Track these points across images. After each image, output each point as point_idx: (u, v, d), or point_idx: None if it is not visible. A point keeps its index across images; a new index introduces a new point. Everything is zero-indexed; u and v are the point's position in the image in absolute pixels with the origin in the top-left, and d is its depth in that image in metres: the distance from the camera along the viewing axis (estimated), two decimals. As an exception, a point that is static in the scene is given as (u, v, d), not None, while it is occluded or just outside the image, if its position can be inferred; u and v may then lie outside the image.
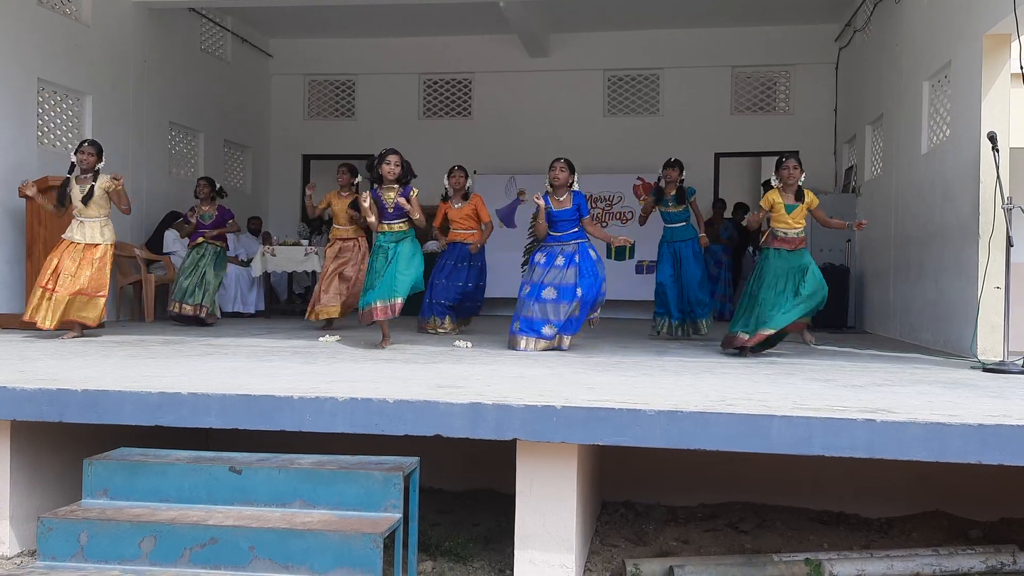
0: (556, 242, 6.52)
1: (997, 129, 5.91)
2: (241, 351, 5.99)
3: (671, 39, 12.50)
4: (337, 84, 13.59)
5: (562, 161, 6.58)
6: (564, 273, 6.40)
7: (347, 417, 3.71)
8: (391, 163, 6.40)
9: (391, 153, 6.45)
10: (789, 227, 6.36)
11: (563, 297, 6.34)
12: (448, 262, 8.02)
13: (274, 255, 10.15)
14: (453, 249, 8.05)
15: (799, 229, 6.39)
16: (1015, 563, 4.16)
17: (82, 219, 6.81)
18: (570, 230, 6.51)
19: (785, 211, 6.35)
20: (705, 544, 4.50)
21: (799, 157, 6.58)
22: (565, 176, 6.51)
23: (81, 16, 9.32)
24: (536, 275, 6.49)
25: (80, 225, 6.81)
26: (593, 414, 3.54)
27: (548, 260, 6.48)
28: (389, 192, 6.42)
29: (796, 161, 6.42)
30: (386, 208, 6.42)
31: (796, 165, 6.39)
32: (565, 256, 6.44)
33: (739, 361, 5.89)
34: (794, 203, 6.38)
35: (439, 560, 4.17)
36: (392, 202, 6.39)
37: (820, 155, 12.01)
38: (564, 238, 6.50)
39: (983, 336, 6.20)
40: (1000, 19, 6.14)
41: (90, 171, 6.83)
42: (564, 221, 6.49)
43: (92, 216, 6.80)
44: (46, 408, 3.88)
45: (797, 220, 6.37)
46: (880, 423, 3.35)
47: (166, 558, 3.20)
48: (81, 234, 6.80)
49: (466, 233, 8.04)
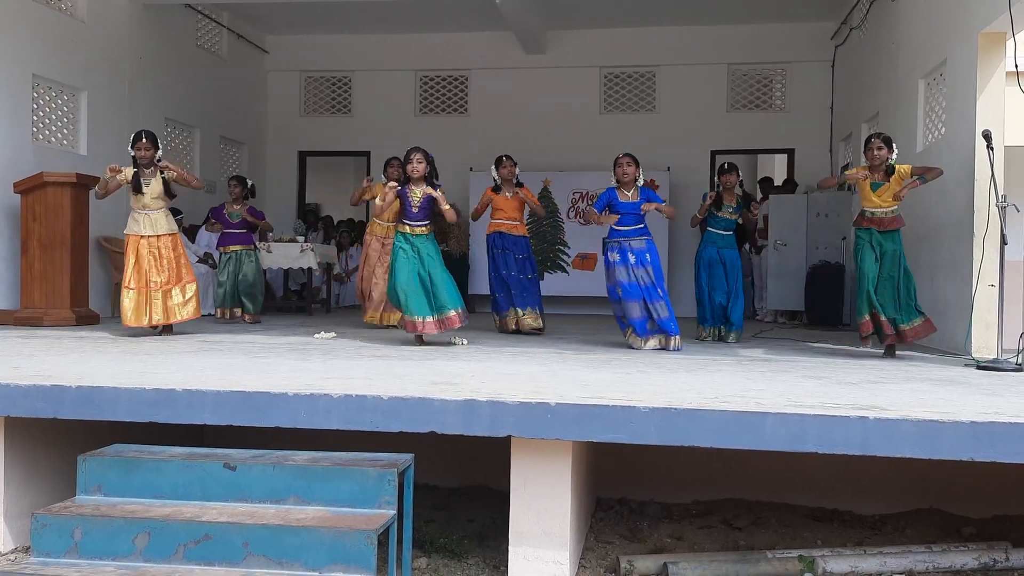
0: (622, 238, 6.50)
1: (992, 127, 5.93)
2: (236, 347, 5.99)
3: (667, 36, 12.51)
4: (333, 80, 13.58)
5: (629, 156, 6.58)
6: (639, 271, 6.41)
7: (342, 413, 3.71)
8: (413, 161, 6.31)
9: (415, 151, 6.35)
10: (875, 206, 6.19)
11: (652, 295, 6.38)
12: (503, 256, 7.87)
13: (270, 251, 10.13)
14: (499, 239, 7.90)
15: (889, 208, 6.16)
16: (1008, 560, 4.17)
17: (147, 212, 6.79)
18: (636, 224, 6.50)
19: (871, 189, 6.18)
20: (699, 541, 4.51)
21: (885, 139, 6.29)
22: (633, 171, 6.51)
23: (76, 12, 9.30)
24: (620, 274, 6.45)
25: (146, 218, 6.78)
26: (587, 411, 3.55)
27: (622, 258, 6.47)
28: (416, 191, 6.34)
29: (881, 141, 6.20)
30: (411, 208, 6.35)
31: (881, 146, 6.18)
32: (636, 254, 6.44)
33: (733, 358, 5.90)
34: (880, 181, 6.17)
35: (433, 557, 4.17)
36: (419, 201, 6.32)
37: (816, 153, 12.04)
38: (630, 233, 6.49)
39: (977, 334, 6.22)
40: (995, 17, 6.15)
41: (150, 164, 6.79)
42: (631, 215, 6.49)
43: (156, 208, 6.81)
44: (40, 404, 3.88)
45: (885, 199, 6.15)
46: (873, 420, 3.36)
47: (160, 554, 3.20)
48: (149, 226, 6.78)
49: (511, 224, 7.88)
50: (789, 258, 10.49)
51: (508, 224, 7.90)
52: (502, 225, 7.91)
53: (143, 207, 6.78)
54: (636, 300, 6.38)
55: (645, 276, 6.42)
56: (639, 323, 6.41)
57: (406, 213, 6.37)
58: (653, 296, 6.38)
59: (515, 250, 7.89)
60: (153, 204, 6.79)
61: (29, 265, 7.92)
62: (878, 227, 6.18)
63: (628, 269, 6.43)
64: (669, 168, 12.01)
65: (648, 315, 6.40)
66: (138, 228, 6.78)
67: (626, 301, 6.42)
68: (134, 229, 6.80)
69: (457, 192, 12.57)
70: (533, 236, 12.14)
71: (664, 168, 12.00)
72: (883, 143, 6.20)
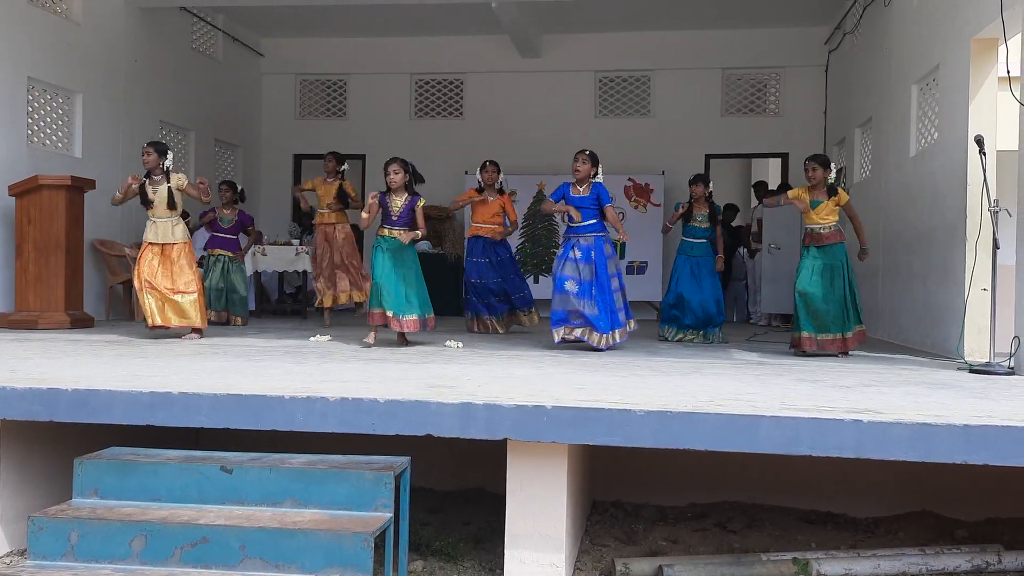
0: (573, 234, 6.62)
1: (984, 132, 5.96)
2: (232, 351, 5.99)
3: (662, 41, 12.53)
4: (328, 84, 13.58)
5: (586, 153, 6.71)
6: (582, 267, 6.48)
7: (338, 416, 3.72)
8: (390, 172, 6.52)
9: (392, 163, 6.55)
10: (815, 223, 6.56)
11: (584, 292, 6.43)
12: (480, 259, 8.11)
13: (265, 254, 10.13)
14: (477, 243, 8.16)
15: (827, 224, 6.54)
16: (1000, 562, 4.20)
17: (155, 219, 6.87)
18: (587, 220, 6.58)
19: (811, 207, 6.55)
20: (694, 543, 4.53)
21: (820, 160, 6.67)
22: (587, 169, 6.63)
23: (72, 14, 9.29)
24: (557, 267, 6.59)
25: (153, 226, 6.88)
26: (583, 414, 3.56)
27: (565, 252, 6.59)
28: (397, 199, 6.54)
29: (816, 163, 6.58)
30: (391, 215, 6.54)
31: (816, 167, 6.56)
32: (582, 249, 6.53)
33: (728, 362, 5.92)
34: (819, 200, 6.55)
35: (429, 559, 4.18)
36: (399, 209, 6.52)
37: (810, 157, 12.06)
38: (579, 229, 6.58)
39: (970, 338, 6.25)
40: (987, 23, 6.19)
41: (157, 171, 6.85)
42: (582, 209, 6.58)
43: (163, 216, 6.85)
44: (36, 407, 3.88)
45: (822, 216, 6.52)
46: (867, 423, 3.38)
47: (157, 557, 3.21)
48: (154, 234, 6.86)
49: (488, 228, 8.15)
50: (783, 262, 10.52)
51: (486, 228, 8.13)
52: (480, 229, 8.17)
53: (153, 215, 6.88)
54: (561, 294, 6.47)
55: (587, 272, 6.47)
56: (557, 314, 6.48)
57: (387, 219, 6.56)
58: (585, 293, 6.43)
59: (493, 255, 8.10)
60: (161, 212, 6.84)
61: (24, 268, 7.90)
62: (817, 243, 6.54)
63: (571, 264, 6.50)
64: (664, 172, 12.04)
65: (572, 310, 6.43)
66: (146, 235, 6.91)
67: (554, 293, 6.53)
68: (145, 236, 6.93)
69: (451, 195, 12.56)
70: (528, 239, 12.21)
71: (659, 172, 12.03)
72: (818, 164, 6.58)
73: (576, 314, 6.43)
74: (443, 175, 11.56)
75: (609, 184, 12.72)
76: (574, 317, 6.44)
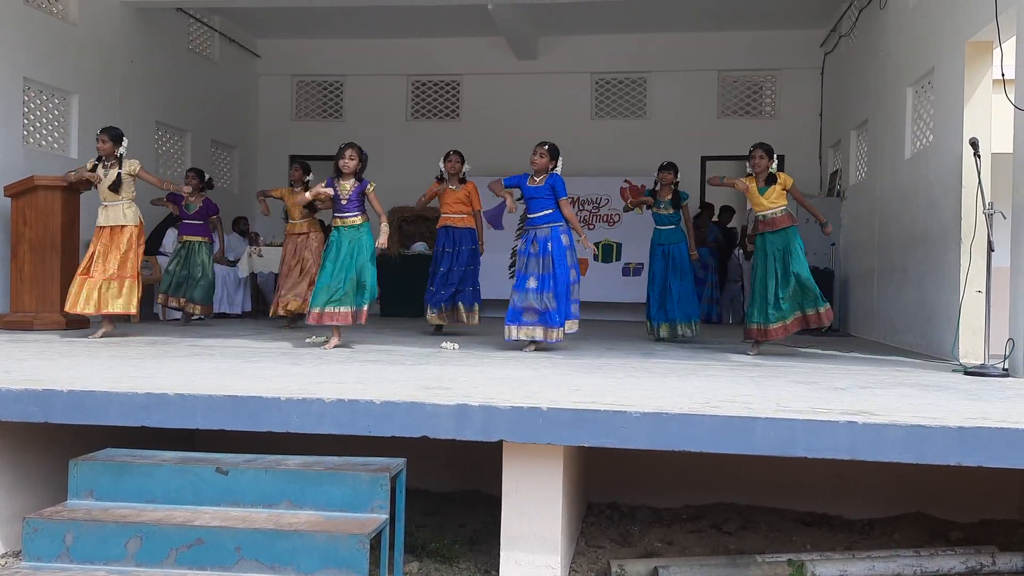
0: (530, 226, 6.60)
1: (979, 135, 5.98)
2: (228, 352, 5.98)
3: (658, 43, 12.56)
4: (325, 85, 13.58)
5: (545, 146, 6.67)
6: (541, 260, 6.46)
7: (334, 418, 3.72)
8: (345, 156, 6.50)
9: (349, 147, 6.55)
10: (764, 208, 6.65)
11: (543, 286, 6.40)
12: (445, 249, 8.10)
13: (261, 256, 10.13)
14: (446, 233, 8.14)
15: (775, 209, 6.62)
16: (994, 564, 4.21)
17: (106, 203, 6.96)
18: (541, 211, 6.54)
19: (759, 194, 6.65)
20: (689, 545, 4.54)
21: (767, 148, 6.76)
22: (543, 162, 6.58)
23: (68, 15, 9.28)
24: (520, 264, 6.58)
25: (104, 209, 6.96)
26: (579, 416, 3.57)
27: (525, 248, 6.58)
28: (345, 184, 6.52)
29: (762, 151, 6.67)
30: (340, 199, 6.49)
31: (762, 155, 6.65)
32: (539, 242, 6.50)
33: (724, 363, 5.93)
34: (765, 186, 6.65)
35: (425, 561, 4.18)
36: (348, 193, 6.46)
37: (805, 159, 12.08)
38: (536, 220, 6.56)
39: (964, 339, 6.26)
40: (982, 26, 6.21)
41: (111, 157, 6.94)
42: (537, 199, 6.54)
43: (115, 199, 6.92)
44: (32, 408, 3.87)
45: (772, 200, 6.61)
46: (862, 425, 3.39)
47: (152, 559, 3.20)
48: (105, 218, 6.94)
49: (457, 217, 8.12)
50: (779, 264, 10.51)
51: (453, 218, 8.12)
52: (447, 219, 8.16)
53: (105, 199, 6.95)
54: (521, 292, 6.45)
55: (546, 264, 6.44)
56: (513, 311, 6.45)
57: (337, 206, 6.53)
58: (544, 286, 6.40)
59: (454, 244, 8.08)
60: (113, 196, 6.91)
61: (19, 269, 7.88)
62: (770, 228, 6.62)
63: (533, 260, 6.48)
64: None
65: (529, 307, 6.41)
66: (98, 220, 6.96)
67: (514, 289, 6.51)
68: (97, 220, 6.98)
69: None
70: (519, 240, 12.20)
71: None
72: (764, 152, 6.69)
73: (531, 311, 6.39)
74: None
75: (605, 186, 12.82)
76: (528, 315, 6.40)
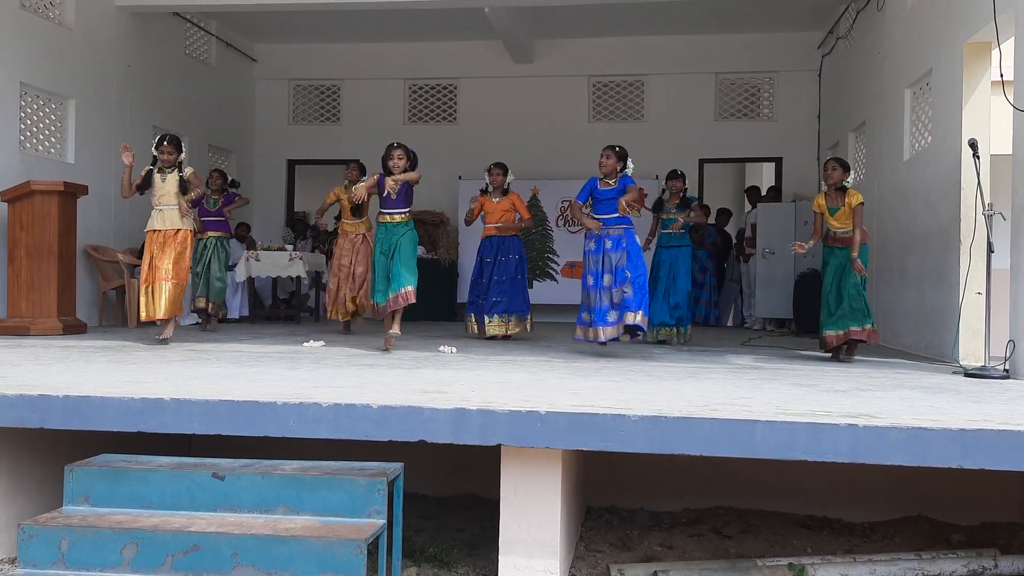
0: (604, 227, 6.59)
1: (978, 136, 5.97)
2: (225, 357, 5.96)
3: (656, 45, 12.55)
4: (322, 89, 13.57)
5: (613, 148, 6.70)
6: (614, 256, 6.48)
7: (331, 422, 3.70)
8: (394, 157, 6.58)
9: (397, 147, 6.61)
10: (834, 227, 6.49)
11: (619, 280, 6.44)
12: (486, 259, 8.12)
13: (258, 260, 10.09)
14: (489, 244, 8.16)
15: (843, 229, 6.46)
16: (996, 567, 4.19)
17: (162, 207, 6.98)
18: (615, 212, 6.56)
19: (829, 214, 6.50)
20: (689, 549, 4.51)
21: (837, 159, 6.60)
22: (611, 164, 6.61)
23: (64, 20, 9.26)
24: (588, 263, 6.60)
25: (160, 214, 6.99)
26: (577, 419, 3.55)
27: (598, 247, 6.58)
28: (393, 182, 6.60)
29: (835, 162, 6.51)
30: (389, 195, 6.55)
31: (835, 166, 6.47)
32: (612, 239, 6.53)
33: (723, 367, 5.91)
34: (835, 206, 6.46)
35: (423, 566, 4.16)
36: (396, 189, 6.52)
37: (803, 161, 12.10)
38: (608, 222, 6.58)
39: (964, 341, 6.25)
40: (980, 28, 6.21)
41: (172, 166, 7.03)
42: (609, 202, 6.58)
43: (171, 204, 6.97)
44: (27, 414, 3.85)
45: (841, 221, 6.43)
46: (862, 428, 3.37)
47: (148, 565, 3.18)
48: (161, 221, 6.97)
49: (498, 227, 8.16)
50: (777, 266, 10.54)
51: (498, 227, 8.13)
52: (491, 229, 8.17)
53: (161, 202, 6.98)
54: (595, 289, 6.47)
55: (620, 260, 6.45)
56: (597, 312, 6.43)
57: (384, 202, 6.61)
58: (621, 279, 6.42)
59: (499, 254, 8.10)
60: (171, 200, 6.96)
61: (16, 274, 7.86)
62: (840, 244, 6.47)
63: (606, 257, 6.48)
64: (657, 176, 12.00)
65: (609, 303, 6.41)
66: (151, 224, 6.98)
67: (591, 290, 6.52)
68: (150, 225, 7.00)
69: (446, 200, 12.59)
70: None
71: (652, 176, 12.01)
72: (839, 165, 6.47)
73: (613, 308, 6.38)
74: (437, 180, 11.57)
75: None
76: (612, 315, 6.40)
